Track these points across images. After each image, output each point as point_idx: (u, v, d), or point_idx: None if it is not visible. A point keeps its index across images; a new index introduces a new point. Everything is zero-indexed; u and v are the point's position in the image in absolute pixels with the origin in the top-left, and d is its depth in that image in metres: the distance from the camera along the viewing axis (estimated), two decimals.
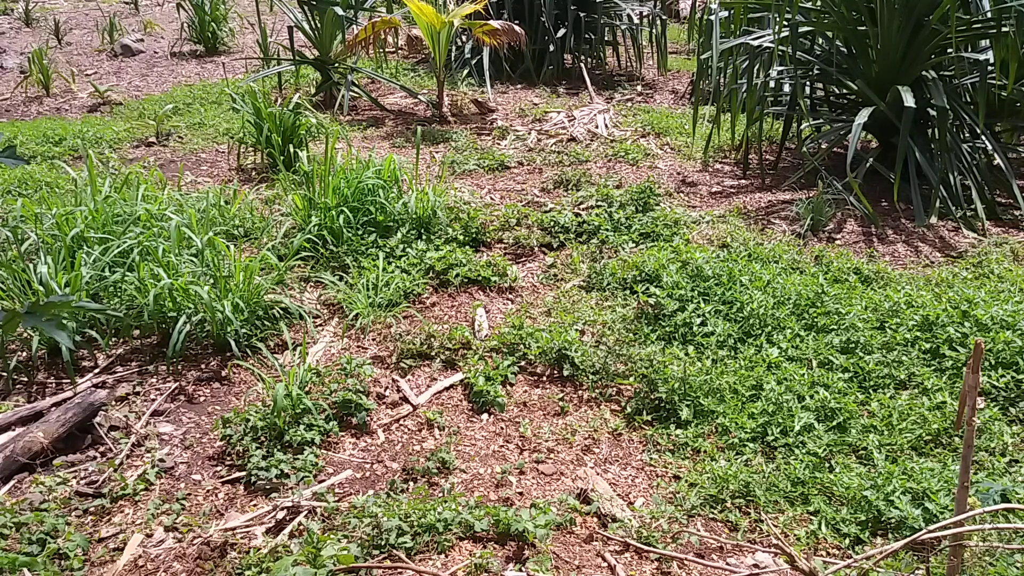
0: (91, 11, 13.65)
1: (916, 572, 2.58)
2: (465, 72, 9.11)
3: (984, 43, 5.77)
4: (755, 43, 6.05)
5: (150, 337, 4.03)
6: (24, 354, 3.84)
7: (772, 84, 6.41)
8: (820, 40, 6.41)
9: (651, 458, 3.27)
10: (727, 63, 6.54)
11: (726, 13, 6.50)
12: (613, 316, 4.12)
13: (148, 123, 7.52)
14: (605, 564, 2.74)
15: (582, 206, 5.47)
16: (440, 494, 3.04)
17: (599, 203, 5.42)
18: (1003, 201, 5.70)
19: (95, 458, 3.25)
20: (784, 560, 2.58)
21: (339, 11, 7.89)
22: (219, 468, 3.22)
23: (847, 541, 2.80)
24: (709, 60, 6.26)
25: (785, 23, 5.73)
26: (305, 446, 3.26)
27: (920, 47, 5.64)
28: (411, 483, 3.12)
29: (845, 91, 6.54)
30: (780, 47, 5.92)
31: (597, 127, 7.48)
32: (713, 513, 2.97)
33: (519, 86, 9.14)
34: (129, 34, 11.66)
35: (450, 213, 5.09)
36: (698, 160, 6.67)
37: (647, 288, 4.25)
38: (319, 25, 8.22)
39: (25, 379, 3.74)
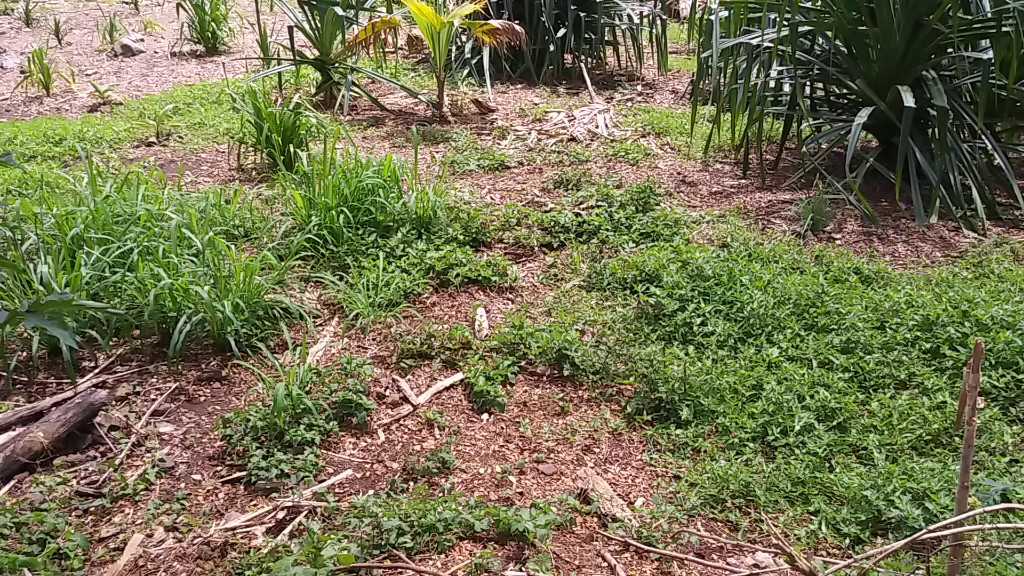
0: (91, 11, 13.65)
1: (916, 572, 2.58)
2: (465, 72, 9.11)
3: (984, 43, 5.77)
4: (755, 43, 6.05)
5: (150, 337, 4.04)
6: (24, 354, 3.84)
7: (772, 84, 6.41)
8: (820, 40, 6.40)
9: (651, 458, 3.27)
10: (727, 63, 6.54)
11: (726, 13, 6.50)
12: (613, 316, 4.12)
13: (148, 123, 7.52)
14: (605, 564, 2.74)
15: (582, 206, 5.47)
16: (440, 494, 3.04)
17: (599, 203, 5.42)
18: (1003, 201, 5.70)
19: (95, 458, 3.25)
20: (784, 560, 2.58)
21: (339, 11, 7.90)
22: (219, 468, 3.22)
23: (847, 541, 2.80)
24: (709, 60, 6.26)
25: (785, 23, 5.73)
26: (305, 446, 3.26)
27: (920, 47, 5.64)
28: (411, 483, 3.12)
29: (845, 91, 6.54)
30: (780, 47, 5.92)
31: (597, 127, 7.48)
32: (713, 513, 2.97)
33: (519, 86, 9.14)
34: (129, 34, 11.66)
35: (450, 213, 5.09)
36: (698, 160, 6.67)
37: (647, 288, 4.25)
38: (319, 25, 8.23)
39: (25, 379, 3.74)
